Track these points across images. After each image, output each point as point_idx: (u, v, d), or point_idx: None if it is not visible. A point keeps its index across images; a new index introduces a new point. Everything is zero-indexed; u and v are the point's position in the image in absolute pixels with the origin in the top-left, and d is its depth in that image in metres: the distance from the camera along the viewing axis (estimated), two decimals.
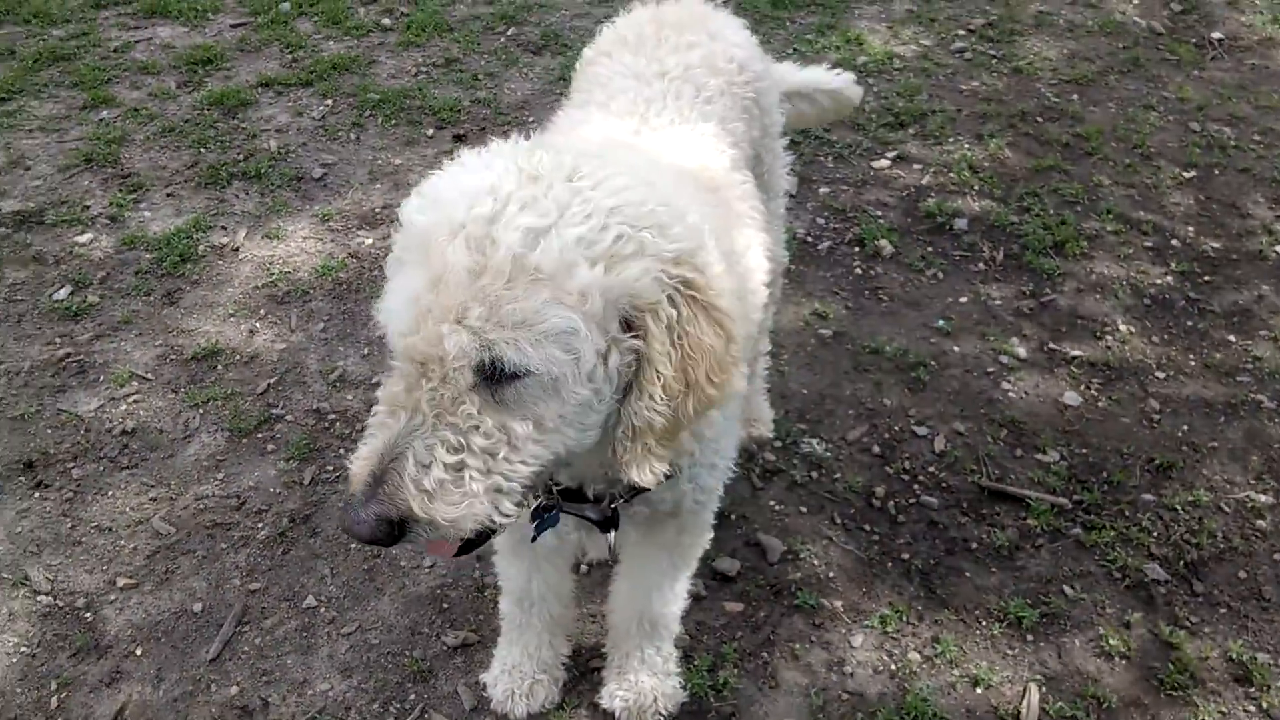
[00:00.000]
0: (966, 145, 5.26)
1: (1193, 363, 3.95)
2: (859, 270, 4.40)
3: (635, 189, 1.62)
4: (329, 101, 5.59)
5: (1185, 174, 5.08)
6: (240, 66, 5.99)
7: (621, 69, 2.63)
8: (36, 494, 3.37)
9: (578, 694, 2.83)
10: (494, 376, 1.52)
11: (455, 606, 3.03)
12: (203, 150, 5.16)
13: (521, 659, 2.73)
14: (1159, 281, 4.36)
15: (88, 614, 3.02)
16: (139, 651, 2.92)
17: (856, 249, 4.52)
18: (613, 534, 2.10)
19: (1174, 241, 4.61)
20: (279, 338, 3.99)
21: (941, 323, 4.10)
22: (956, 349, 3.98)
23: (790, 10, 6.68)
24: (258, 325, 4.05)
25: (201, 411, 3.66)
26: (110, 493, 3.37)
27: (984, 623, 3.00)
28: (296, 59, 6.05)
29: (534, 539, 2.12)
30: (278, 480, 3.40)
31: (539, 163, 1.60)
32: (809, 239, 4.56)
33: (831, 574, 3.14)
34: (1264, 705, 2.80)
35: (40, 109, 5.52)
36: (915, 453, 3.54)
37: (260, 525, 3.27)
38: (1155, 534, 3.26)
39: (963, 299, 4.24)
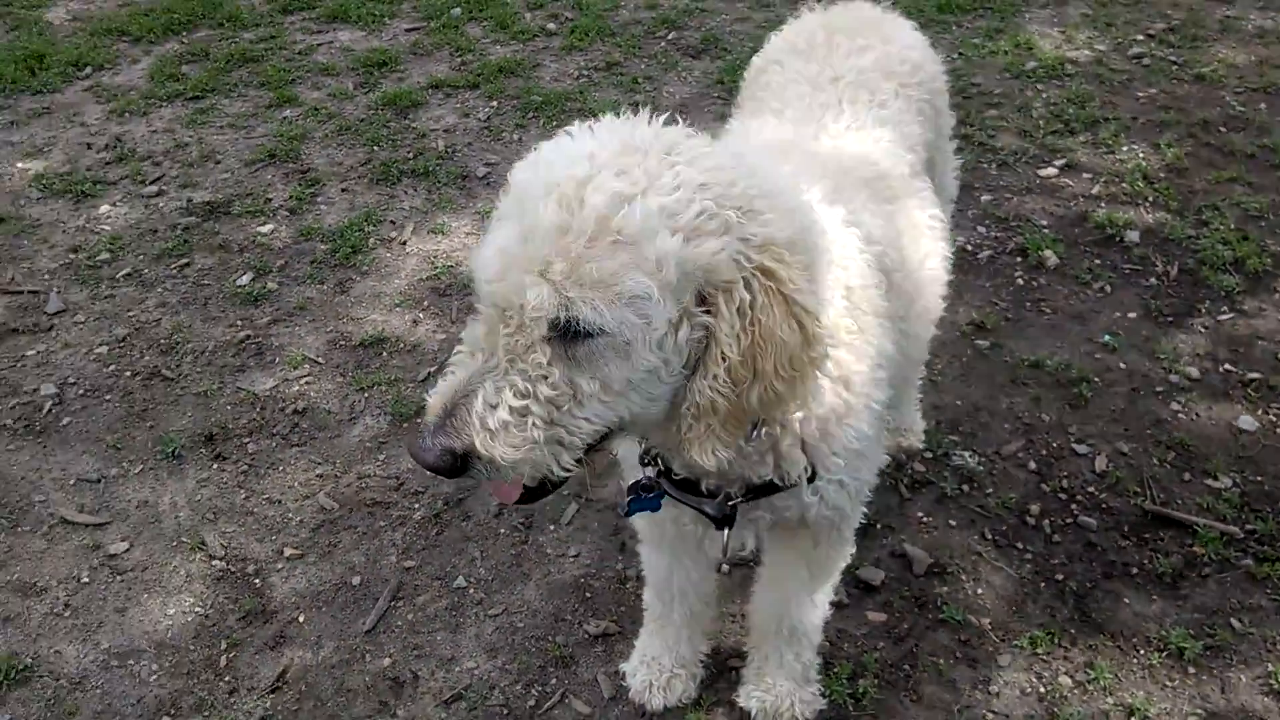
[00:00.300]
0: (1141, 154, 5.04)
1: None
2: (1020, 281, 4.26)
3: (729, 170, 1.63)
4: (494, 103, 5.77)
5: None
6: (412, 69, 6.25)
7: (794, 76, 2.64)
8: (215, 465, 3.61)
9: (715, 691, 2.84)
10: (568, 333, 1.56)
11: (598, 596, 3.09)
12: (376, 148, 5.41)
13: (661, 652, 2.76)
14: None
15: (257, 580, 3.21)
16: (301, 618, 3.09)
17: (1019, 259, 4.38)
18: (726, 532, 2.10)
19: None
20: (440, 328, 4.15)
21: (1107, 338, 3.93)
22: (1123, 366, 3.81)
23: (957, 14, 6.53)
24: (421, 315, 4.23)
25: (367, 395, 3.85)
26: (281, 467, 3.58)
27: (1142, 651, 2.87)
28: (465, 62, 6.28)
29: (627, 514, 2.15)
30: None
31: (640, 135, 1.65)
32: (969, 247, 4.45)
33: (980, 590, 3.06)
34: None
35: (230, 107, 5.89)
36: (1074, 471, 3.41)
37: (416, 506, 3.41)
38: None
39: (1131, 314, 4.06)
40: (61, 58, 6.47)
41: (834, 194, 2.10)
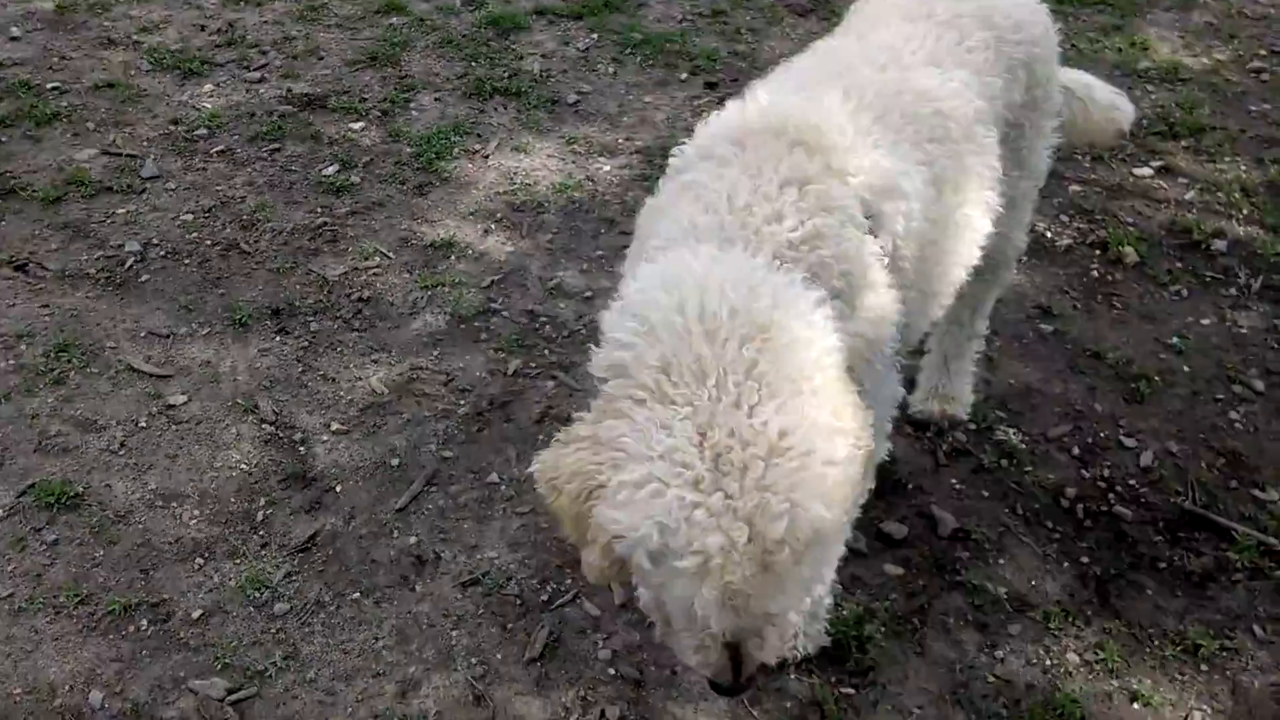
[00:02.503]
0: (1243, 167, 4.89)
1: None
2: (1096, 274, 4.19)
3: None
4: (595, 35, 5.80)
5: None
6: None
7: (889, 7, 2.65)
8: (278, 338, 3.73)
9: None
10: None
11: None
12: (473, 64, 5.48)
13: None
14: None
15: (301, 448, 3.33)
16: (338, 489, 3.21)
17: (1097, 252, 4.30)
18: None
19: None
20: (509, 241, 4.23)
21: (1176, 340, 3.86)
22: (1186, 369, 3.74)
23: (1076, 6, 6.36)
24: (492, 227, 4.30)
25: (430, 294, 3.94)
26: (339, 349, 3.70)
27: (1156, 641, 2.84)
28: None
29: None
30: (485, 366, 3.63)
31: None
32: (1048, 233, 4.38)
33: (1002, 561, 3.05)
34: None
35: (341, 8, 6.01)
36: (1118, 463, 3.37)
37: (462, 403, 3.50)
38: None
39: (1204, 321, 3.97)
40: None
41: (875, 124, 2.17)
